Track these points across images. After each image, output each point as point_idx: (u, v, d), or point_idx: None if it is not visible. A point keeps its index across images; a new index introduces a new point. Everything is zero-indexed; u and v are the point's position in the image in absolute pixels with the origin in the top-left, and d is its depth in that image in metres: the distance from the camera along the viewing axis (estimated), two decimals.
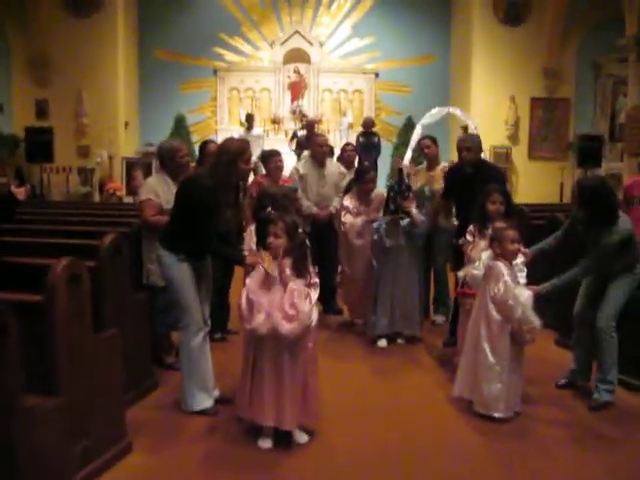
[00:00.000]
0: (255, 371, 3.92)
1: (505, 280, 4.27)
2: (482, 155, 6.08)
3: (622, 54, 12.41)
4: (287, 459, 3.79)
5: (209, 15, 16.05)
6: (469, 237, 5.17)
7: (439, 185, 6.38)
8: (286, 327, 3.72)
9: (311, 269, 4.02)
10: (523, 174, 14.94)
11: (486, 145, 14.19)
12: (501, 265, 4.35)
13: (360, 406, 4.60)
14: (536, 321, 4.23)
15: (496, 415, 4.28)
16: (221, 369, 4.65)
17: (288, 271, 3.87)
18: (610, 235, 4.33)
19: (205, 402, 4.36)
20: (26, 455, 2.93)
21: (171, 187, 4.88)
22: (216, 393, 4.52)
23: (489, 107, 14.77)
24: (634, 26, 11.44)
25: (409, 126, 15.39)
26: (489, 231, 4.79)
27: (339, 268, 6.81)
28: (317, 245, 6.59)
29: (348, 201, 6.18)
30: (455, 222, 6.02)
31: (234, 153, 4.22)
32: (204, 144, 6.19)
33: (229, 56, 16.52)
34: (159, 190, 4.99)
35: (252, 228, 4.76)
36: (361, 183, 6.13)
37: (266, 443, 3.93)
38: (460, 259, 5.19)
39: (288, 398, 3.85)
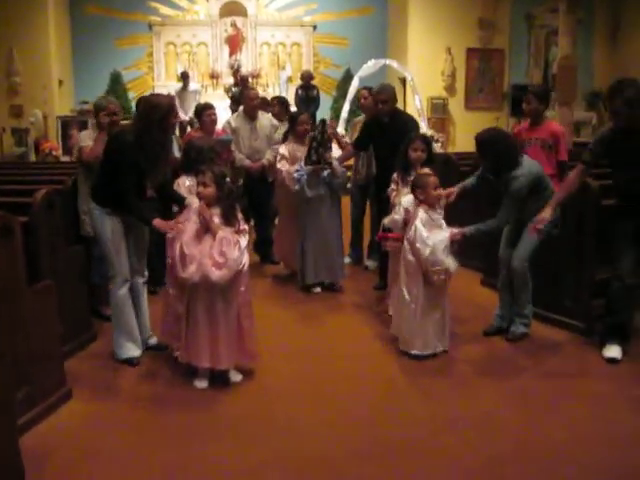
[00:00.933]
0: (190, 316, 4.07)
1: (415, 224, 4.42)
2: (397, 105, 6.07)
3: (554, 5, 12.67)
4: (223, 397, 3.95)
5: None
6: (393, 185, 5.26)
7: None
8: (216, 274, 3.88)
9: (240, 217, 4.14)
10: (460, 124, 15.21)
11: (423, 96, 14.50)
12: (419, 210, 4.48)
13: (293, 348, 4.78)
14: (446, 263, 4.36)
15: (413, 352, 4.46)
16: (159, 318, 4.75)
17: (217, 220, 4.00)
18: (516, 180, 4.50)
19: (130, 351, 4.44)
20: None
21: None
22: (153, 341, 4.64)
23: (426, 59, 14.95)
24: None
25: (348, 78, 15.47)
26: (411, 178, 4.88)
27: (276, 220, 6.97)
28: (251, 197, 6.80)
29: (283, 149, 6.17)
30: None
31: (165, 110, 4.19)
32: (140, 101, 6.20)
33: (164, 10, 16.31)
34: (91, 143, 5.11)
35: (179, 181, 4.83)
36: (296, 125, 6.15)
37: (202, 383, 4.08)
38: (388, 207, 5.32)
39: (223, 340, 4.01)
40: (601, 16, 15.71)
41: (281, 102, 7.83)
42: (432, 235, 4.38)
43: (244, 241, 4.06)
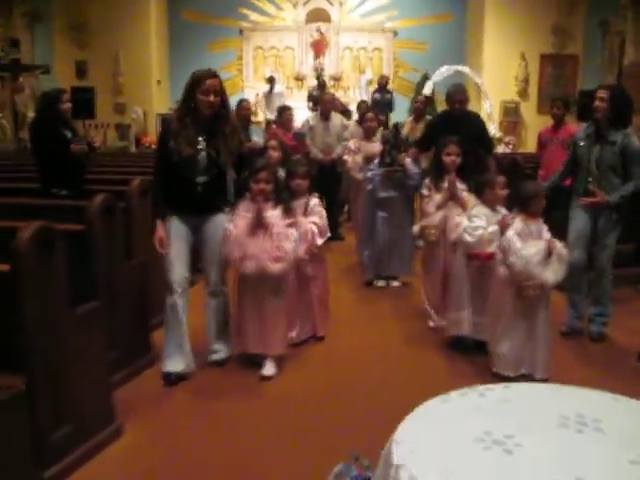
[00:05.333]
0: (240, 307, 4.35)
1: (508, 234, 4.10)
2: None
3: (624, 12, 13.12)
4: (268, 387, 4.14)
5: None
6: (425, 191, 5.19)
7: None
8: (274, 267, 4.05)
9: (294, 210, 4.37)
10: (532, 128, 15.72)
11: (496, 100, 15.15)
12: (516, 220, 4.18)
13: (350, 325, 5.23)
14: (543, 277, 4.03)
15: (494, 370, 4.19)
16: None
17: (277, 214, 4.17)
18: (631, 138, 4.71)
19: (168, 366, 4.14)
20: None
21: None
22: (217, 356, 4.41)
23: (500, 64, 15.57)
24: None
25: (424, 82, 16.22)
26: (445, 184, 4.93)
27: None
28: (322, 186, 7.82)
29: (352, 143, 7.03)
30: None
31: (191, 82, 4.03)
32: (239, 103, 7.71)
33: (254, 16, 17.43)
34: None
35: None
36: (363, 122, 7.12)
37: (269, 370, 4.25)
38: None
39: (270, 328, 4.24)
40: None
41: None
42: (527, 246, 4.04)
43: (295, 233, 4.22)
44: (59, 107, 5.51)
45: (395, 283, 6.35)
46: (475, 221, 4.32)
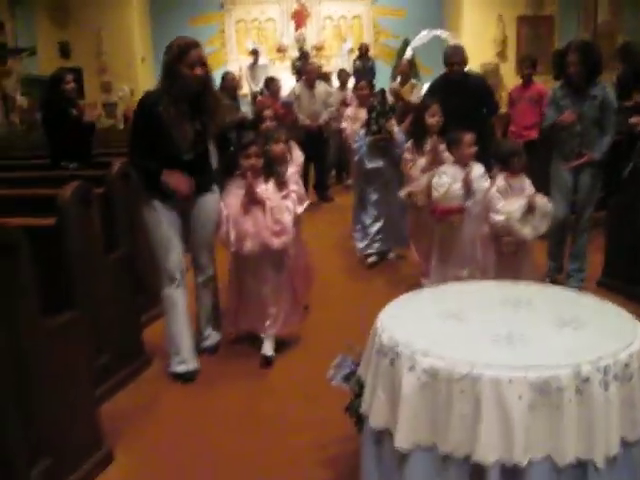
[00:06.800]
0: (241, 286, 4.21)
1: (491, 191, 4.24)
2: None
3: None
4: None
5: None
6: (407, 155, 5.12)
7: (407, 96, 7.78)
8: (276, 242, 3.98)
9: (287, 182, 4.28)
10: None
11: (476, 63, 15.38)
12: (498, 177, 4.28)
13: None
14: (522, 232, 4.15)
15: None
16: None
17: (271, 188, 4.08)
18: (606, 89, 4.95)
19: (173, 366, 3.96)
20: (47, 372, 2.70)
21: None
22: (208, 343, 4.30)
23: (478, 27, 15.76)
24: None
25: (405, 48, 16.42)
26: (427, 146, 4.87)
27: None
28: (311, 150, 8.21)
29: (349, 110, 7.35)
30: None
31: (173, 55, 3.63)
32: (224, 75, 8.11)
33: None
34: None
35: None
36: (357, 90, 7.44)
37: (267, 349, 4.16)
38: None
39: (272, 307, 4.14)
40: None
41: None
42: (508, 203, 4.15)
43: (291, 203, 4.15)
44: (64, 87, 5.87)
45: (391, 254, 6.23)
46: (442, 177, 4.42)
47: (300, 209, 4.48)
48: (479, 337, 2.17)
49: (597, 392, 1.92)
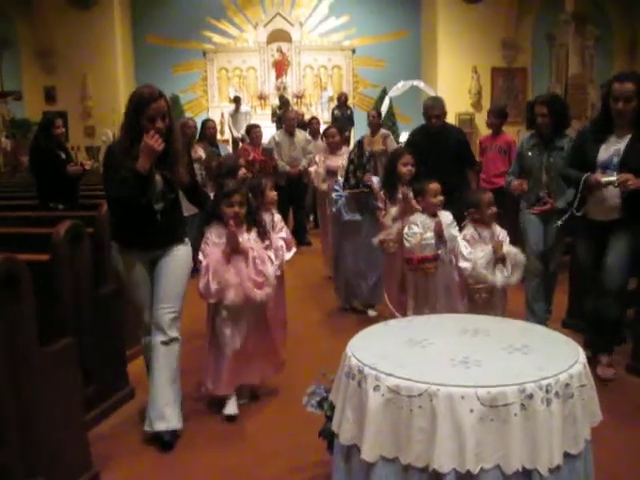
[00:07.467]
0: (219, 338, 4.02)
1: (458, 240, 4.35)
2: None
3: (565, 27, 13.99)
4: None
5: (196, 0, 17.52)
6: (380, 204, 5.15)
7: (378, 147, 8.17)
8: (259, 294, 3.89)
9: (269, 232, 4.24)
10: None
11: (452, 113, 15.88)
12: (467, 226, 4.40)
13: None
14: (490, 279, 4.21)
15: None
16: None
17: (253, 238, 4.02)
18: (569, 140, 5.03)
19: (151, 423, 3.66)
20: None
21: None
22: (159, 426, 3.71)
23: (454, 77, 16.36)
24: (571, 4, 13.08)
25: (383, 97, 16.93)
26: (399, 195, 4.84)
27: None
28: (290, 195, 8.72)
29: (317, 157, 7.31)
30: None
31: (133, 107, 3.52)
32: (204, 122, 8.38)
33: (217, 38, 17.99)
34: None
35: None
36: (326, 137, 7.29)
37: (231, 409, 4.03)
38: None
39: (254, 354, 4.07)
40: (619, 32, 16.72)
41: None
42: (475, 251, 4.23)
43: (272, 254, 4.09)
44: (53, 131, 6.15)
45: (372, 312, 5.98)
46: (412, 228, 4.45)
47: (288, 255, 4.49)
48: (438, 360, 2.40)
49: (540, 408, 2.16)
